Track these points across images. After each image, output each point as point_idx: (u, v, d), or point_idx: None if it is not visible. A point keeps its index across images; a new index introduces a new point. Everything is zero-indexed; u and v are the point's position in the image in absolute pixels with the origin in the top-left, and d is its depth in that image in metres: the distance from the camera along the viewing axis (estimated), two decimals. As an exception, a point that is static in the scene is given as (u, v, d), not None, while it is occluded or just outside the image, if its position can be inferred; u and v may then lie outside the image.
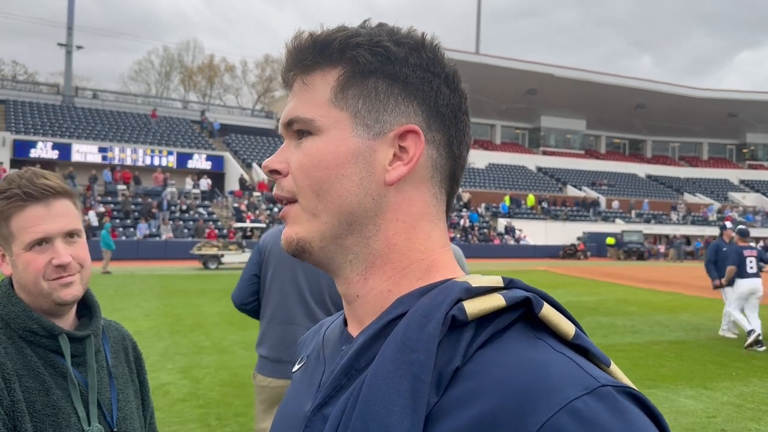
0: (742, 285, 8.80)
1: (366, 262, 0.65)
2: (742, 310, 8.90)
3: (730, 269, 8.88)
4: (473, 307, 0.56)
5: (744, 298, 8.85)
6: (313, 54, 0.66)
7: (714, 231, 39.56)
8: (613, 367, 0.57)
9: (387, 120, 0.64)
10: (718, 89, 50.61)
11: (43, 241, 1.25)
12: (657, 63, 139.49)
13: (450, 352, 0.54)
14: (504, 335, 0.56)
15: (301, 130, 0.66)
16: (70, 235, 1.28)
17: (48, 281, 1.25)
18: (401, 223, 0.65)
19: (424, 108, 0.65)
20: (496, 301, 0.56)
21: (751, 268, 8.77)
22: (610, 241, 34.35)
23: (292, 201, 0.67)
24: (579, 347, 0.57)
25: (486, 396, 0.50)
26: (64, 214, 1.28)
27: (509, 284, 0.60)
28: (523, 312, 0.57)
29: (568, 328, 0.57)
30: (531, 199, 38.36)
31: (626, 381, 0.56)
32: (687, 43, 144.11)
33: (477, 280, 0.60)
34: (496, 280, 0.60)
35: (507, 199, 37.57)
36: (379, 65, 0.64)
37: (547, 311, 0.57)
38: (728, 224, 9.89)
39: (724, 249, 9.17)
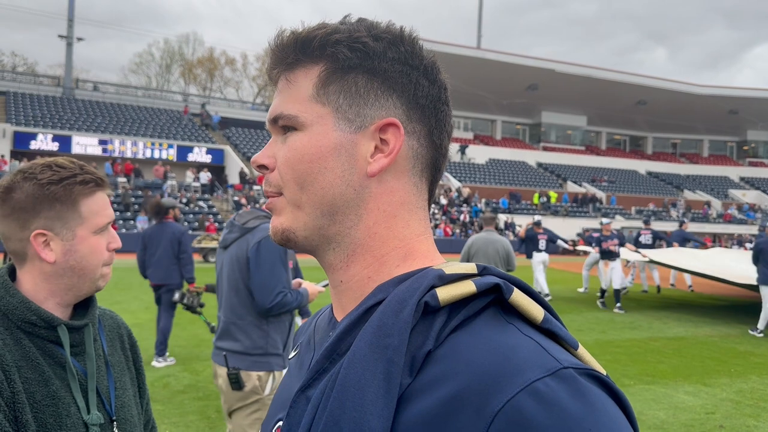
0: (536, 257, 13.19)
1: (348, 250, 0.68)
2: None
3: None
4: (445, 293, 0.58)
5: (538, 265, 13.12)
6: (294, 52, 0.68)
7: (714, 228, 39.57)
8: (581, 351, 0.59)
9: (368, 114, 0.66)
10: (720, 86, 50.40)
11: (106, 226, 1.32)
12: (671, 57, 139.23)
13: (423, 337, 0.56)
14: (475, 320, 0.58)
15: (286, 126, 0.69)
16: None
17: (102, 266, 1.32)
18: (381, 212, 0.67)
19: (404, 100, 0.67)
20: (468, 287, 0.59)
21: (542, 246, 13.29)
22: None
23: (278, 194, 0.70)
24: (548, 331, 0.59)
25: (455, 378, 0.53)
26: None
27: (483, 271, 0.62)
28: (494, 298, 0.59)
29: (538, 313, 0.59)
30: (553, 196, 38.44)
31: (593, 364, 0.57)
32: (704, 36, 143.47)
33: (452, 268, 0.62)
34: (470, 267, 0.62)
35: (536, 197, 37.75)
36: (359, 61, 0.66)
37: (517, 296, 0.59)
38: (537, 218, 13.98)
39: (531, 234, 13.69)
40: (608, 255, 12.10)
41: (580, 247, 16.05)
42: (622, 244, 12.50)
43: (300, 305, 3.05)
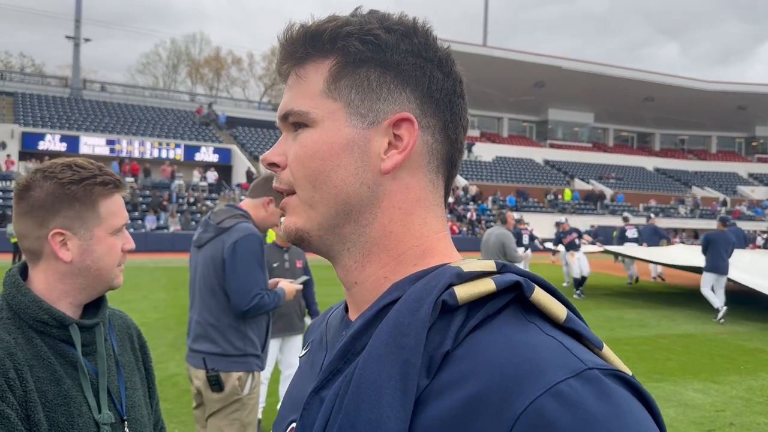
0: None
1: (363, 249, 0.66)
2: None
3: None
4: (464, 291, 0.56)
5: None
6: (304, 46, 0.66)
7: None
8: (606, 350, 0.57)
9: (381, 109, 0.64)
10: (728, 82, 50.10)
11: (122, 228, 1.34)
12: (683, 52, 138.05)
13: (441, 337, 0.54)
14: (495, 319, 0.56)
15: (297, 123, 0.67)
16: None
17: (117, 266, 1.35)
18: (397, 210, 0.65)
19: (418, 94, 0.65)
20: (487, 285, 0.57)
21: (525, 240, 14.27)
22: (618, 234, 34.20)
23: (291, 192, 0.68)
24: (571, 330, 0.57)
25: (474, 378, 0.51)
26: None
27: (502, 269, 0.60)
28: (514, 296, 0.58)
29: (560, 312, 0.57)
30: (567, 194, 38.39)
31: (618, 364, 0.56)
32: (716, 30, 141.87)
33: (470, 265, 0.60)
34: (489, 265, 0.60)
35: (567, 192, 37.95)
36: (371, 54, 0.64)
37: (539, 295, 0.57)
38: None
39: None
40: (571, 247, 13.92)
41: (548, 245, 17.50)
42: (580, 236, 14.47)
43: (277, 306, 2.99)
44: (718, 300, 10.59)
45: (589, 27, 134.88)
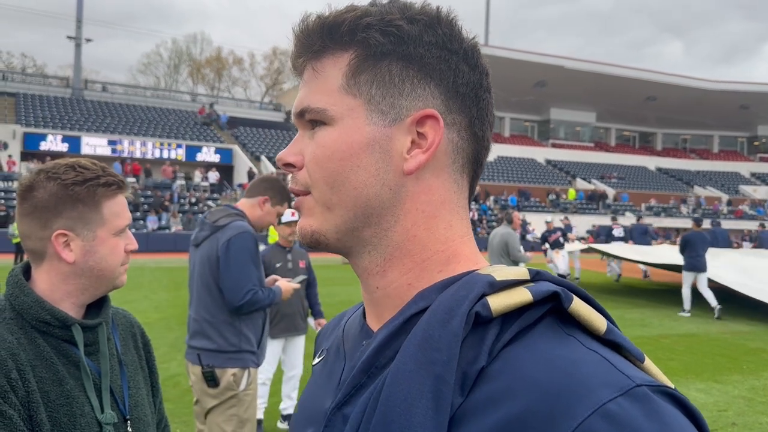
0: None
1: (384, 254, 0.62)
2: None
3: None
4: (498, 302, 0.53)
5: None
6: (321, 38, 0.62)
7: (724, 225, 39.26)
8: (648, 363, 0.54)
9: (403, 105, 0.60)
10: (730, 81, 49.98)
11: (125, 228, 1.35)
12: (687, 50, 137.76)
13: (474, 351, 0.51)
14: (531, 332, 0.53)
15: (314, 120, 0.63)
16: None
17: (120, 266, 1.35)
18: (420, 213, 0.62)
19: (442, 89, 0.61)
20: (523, 295, 0.53)
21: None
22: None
23: (306, 192, 0.64)
24: (611, 342, 0.54)
25: (513, 397, 0.48)
26: None
27: (536, 276, 0.57)
28: (551, 307, 0.54)
29: (600, 323, 0.54)
30: (572, 193, 38.45)
31: (662, 378, 0.53)
32: (721, 29, 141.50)
33: (501, 273, 0.56)
34: (522, 273, 0.57)
35: (571, 192, 38.01)
36: (392, 46, 0.60)
37: (577, 305, 0.54)
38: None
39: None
40: (556, 245, 14.79)
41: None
42: (564, 235, 15.25)
43: (272, 302, 3.05)
44: (688, 303, 11.09)
45: (591, 26, 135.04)
